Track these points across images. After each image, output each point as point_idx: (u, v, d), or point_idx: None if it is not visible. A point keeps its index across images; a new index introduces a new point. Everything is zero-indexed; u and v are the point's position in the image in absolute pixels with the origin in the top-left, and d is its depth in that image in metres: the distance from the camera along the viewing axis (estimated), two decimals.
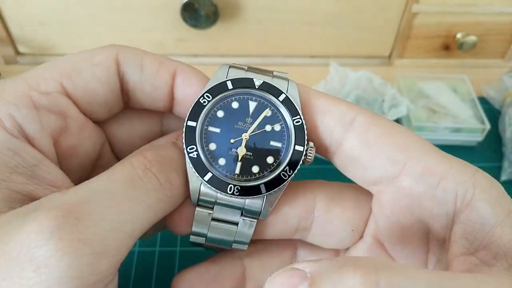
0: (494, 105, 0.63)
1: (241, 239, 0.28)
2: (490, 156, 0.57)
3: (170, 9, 0.60)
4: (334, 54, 0.67)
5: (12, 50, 0.64)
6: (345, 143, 0.27)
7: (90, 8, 0.60)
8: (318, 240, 0.30)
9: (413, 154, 0.26)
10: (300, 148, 0.26)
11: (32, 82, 0.26)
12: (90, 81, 0.27)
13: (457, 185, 0.25)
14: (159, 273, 0.42)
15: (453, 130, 0.57)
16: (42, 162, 0.25)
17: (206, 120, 0.27)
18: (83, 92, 0.27)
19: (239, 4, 0.61)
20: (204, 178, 0.26)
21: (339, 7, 0.62)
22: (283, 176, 0.26)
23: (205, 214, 0.27)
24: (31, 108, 0.25)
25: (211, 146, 0.27)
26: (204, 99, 0.27)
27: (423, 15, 0.63)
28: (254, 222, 0.27)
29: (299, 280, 0.18)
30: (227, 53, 0.66)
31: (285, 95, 0.27)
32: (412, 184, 0.26)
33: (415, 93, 0.60)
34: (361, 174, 0.27)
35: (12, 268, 0.20)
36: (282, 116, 0.27)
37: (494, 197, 0.24)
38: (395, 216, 0.27)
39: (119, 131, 0.31)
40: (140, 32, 0.63)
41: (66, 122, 0.27)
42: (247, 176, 0.26)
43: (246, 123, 0.27)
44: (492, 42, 0.67)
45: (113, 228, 0.22)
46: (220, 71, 0.28)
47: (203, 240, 0.28)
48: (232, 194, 0.26)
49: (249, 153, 0.27)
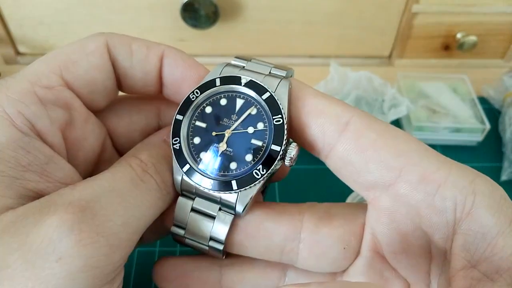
0: (494, 105, 0.63)
1: (217, 235, 0.28)
2: (490, 156, 0.57)
3: (170, 9, 0.60)
4: (334, 54, 0.67)
5: (12, 50, 0.64)
6: (338, 146, 0.26)
7: (90, 8, 0.60)
8: (309, 264, 0.29)
9: (409, 160, 0.25)
10: (277, 148, 0.26)
11: (33, 78, 0.26)
12: (88, 70, 0.27)
13: (456, 192, 0.24)
14: None
15: (453, 130, 0.57)
16: (52, 159, 0.25)
17: (195, 115, 0.28)
18: (83, 82, 0.27)
19: (239, 4, 0.61)
20: (182, 169, 0.27)
21: (339, 7, 0.62)
22: (256, 174, 0.26)
23: (186, 202, 0.28)
24: (38, 104, 0.25)
25: (195, 140, 0.28)
26: (194, 95, 0.28)
27: (423, 15, 0.63)
28: (230, 217, 0.28)
29: None
30: (227, 53, 0.66)
31: (270, 94, 0.27)
32: (409, 191, 0.25)
33: (415, 93, 0.60)
34: (355, 178, 0.26)
35: (34, 260, 0.21)
36: (267, 115, 0.27)
37: (496, 203, 0.23)
38: (393, 224, 0.26)
39: (119, 125, 0.31)
40: (140, 32, 0.63)
41: (72, 114, 0.27)
42: (225, 171, 0.27)
43: (231, 120, 0.27)
44: (492, 42, 0.67)
45: (123, 223, 0.24)
46: (215, 69, 0.29)
47: (182, 232, 0.29)
48: (205, 187, 0.27)
49: (230, 149, 0.27)
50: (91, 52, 0.27)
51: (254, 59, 0.29)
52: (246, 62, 0.29)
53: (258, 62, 0.29)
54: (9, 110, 0.24)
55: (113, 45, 0.28)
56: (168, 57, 0.29)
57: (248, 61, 0.29)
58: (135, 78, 0.29)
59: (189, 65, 0.29)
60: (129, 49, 0.28)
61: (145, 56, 0.29)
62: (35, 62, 0.27)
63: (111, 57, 0.28)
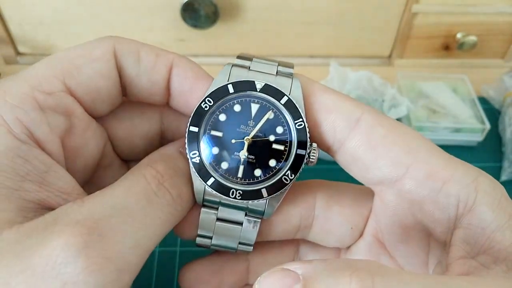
0: (494, 105, 0.63)
1: (246, 240, 0.28)
2: (490, 156, 0.57)
3: (170, 9, 0.60)
4: (334, 54, 0.67)
5: (12, 50, 0.64)
6: (348, 143, 0.26)
7: (90, 8, 0.60)
8: (319, 238, 0.30)
9: (417, 157, 0.25)
10: (302, 152, 0.26)
11: (33, 82, 0.25)
12: (92, 77, 0.26)
13: (459, 190, 0.25)
14: (159, 273, 0.42)
15: (453, 130, 0.57)
16: (51, 168, 0.24)
17: (209, 125, 0.27)
18: (86, 89, 0.26)
19: (239, 4, 0.61)
20: (207, 183, 0.26)
21: (339, 7, 0.62)
22: (285, 180, 0.26)
23: (210, 214, 0.27)
24: (38, 110, 0.24)
25: (213, 150, 0.26)
26: (206, 104, 0.27)
27: (423, 15, 0.63)
28: (258, 222, 0.27)
29: (291, 282, 0.18)
30: (227, 53, 0.66)
31: (287, 98, 0.27)
32: (414, 188, 0.25)
33: (415, 93, 0.60)
34: (364, 174, 0.27)
35: (37, 284, 0.20)
36: (285, 118, 0.27)
37: (497, 201, 0.24)
38: (396, 216, 0.27)
39: (120, 130, 0.30)
40: (140, 32, 0.63)
41: (72, 122, 0.26)
42: (250, 179, 0.26)
43: (249, 126, 0.27)
44: (492, 42, 0.67)
45: (133, 245, 0.22)
46: (222, 72, 0.28)
47: (208, 243, 0.28)
48: (234, 198, 0.26)
49: (252, 157, 0.26)
50: (97, 58, 0.26)
51: (255, 57, 0.29)
52: (250, 62, 0.28)
53: (261, 61, 0.29)
54: (7, 116, 0.23)
55: (121, 52, 0.27)
56: (177, 67, 0.28)
57: (251, 61, 0.28)
58: (141, 87, 0.28)
59: (198, 76, 0.28)
60: (137, 56, 0.27)
61: (153, 65, 0.27)
62: (37, 65, 0.26)
63: (117, 64, 0.27)
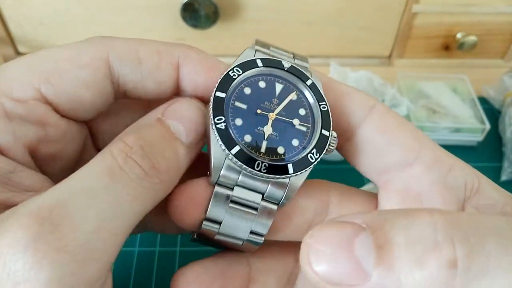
0: (494, 105, 0.63)
1: (259, 229, 0.26)
2: (490, 156, 0.57)
3: (170, 9, 0.60)
4: (334, 54, 0.67)
5: (12, 50, 0.64)
6: (364, 126, 0.27)
7: (90, 8, 0.60)
8: None
9: (425, 144, 0.27)
10: (327, 133, 0.26)
11: (4, 87, 0.23)
12: (74, 86, 0.24)
13: (465, 175, 0.26)
14: (159, 273, 0.42)
15: (453, 130, 0.57)
16: (17, 168, 0.23)
17: (234, 95, 0.26)
18: (65, 98, 0.24)
19: (239, 4, 0.61)
20: (231, 151, 0.24)
21: (339, 7, 0.62)
22: (310, 158, 0.26)
23: (224, 191, 0.25)
24: (3, 118, 0.23)
25: (237, 122, 0.25)
26: (234, 73, 0.26)
27: (423, 15, 0.63)
28: (275, 208, 0.26)
29: (354, 231, 0.17)
30: (227, 53, 0.66)
31: (312, 81, 0.27)
32: (424, 171, 0.26)
33: (415, 93, 0.60)
34: (375, 159, 0.27)
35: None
36: (307, 101, 0.27)
37: (496, 186, 0.26)
38: (404, 204, 0.27)
39: (104, 125, 0.28)
40: (140, 32, 0.63)
41: (45, 130, 0.24)
42: (273, 156, 0.25)
43: (273, 104, 0.26)
44: (492, 42, 0.67)
45: (95, 228, 0.20)
46: (247, 52, 0.27)
47: (215, 230, 0.26)
48: (259, 170, 0.24)
49: (275, 133, 0.26)
50: (83, 65, 0.24)
51: (271, 46, 0.29)
52: (268, 50, 0.29)
53: (278, 50, 0.29)
54: None
55: (116, 57, 0.25)
56: (186, 65, 0.26)
57: (269, 49, 0.29)
58: (146, 90, 0.26)
59: (210, 67, 0.26)
60: (136, 59, 0.25)
61: (157, 65, 0.25)
62: (14, 64, 0.24)
63: (113, 72, 0.25)
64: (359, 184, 0.50)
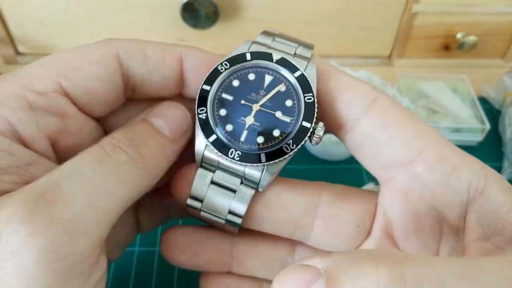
0: (494, 105, 0.63)
1: (236, 210, 0.28)
2: (490, 156, 0.57)
3: (170, 9, 0.60)
4: (334, 54, 0.67)
5: (12, 50, 0.64)
6: (364, 120, 0.27)
7: (90, 8, 0.60)
8: (321, 241, 0.29)
9: (429, 142, 0.26)
10: (307, 124, 0.27)
11: (26, 81, 0.25)
12: (88, 80, 0.26)
13: (470, 175, 0.25)
14: (159, 273, 0.42)
15: (453, 130, 0.57)
16: (37, 160, 0.24)
17: (221, 87, 0.28)
18: (82, 91, 0.26)
19: (239, 4, 0.61)
20: (208, 139, 0.27)
21: (339, 7, 0.62)
22: (285, 149, 0.26)
23: (206, 175, 0.28)
24: (27, 110, 0.25)
25: (221, 112, 0.27)
26: (222, 67, 0.28)
27: (423, 15, 0.63)
28: (251, 191, 0.27)
29: (313, 277, 0.17)
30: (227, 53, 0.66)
31: (301, 72, 0.27)
32: (426, 171, 0.26)
33: (415, 93, 0.60)
34: (375, 154, 0.27)
35: None
36: (296, 93, 0.27)
37: (505, 186, 0.25)
38: (408, 203, 0.27)
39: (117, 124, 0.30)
40: (140, 32, 0.63)
41: (65, 122, 0.26)
42: (251, 145, 0.27)
43: (259, 95, 0.27)
44: (492, 42, 0.67)
45: (86, 204, 0.22)
46: (242, 45, 0.29)
47: (198, 206, 0.28)
48: (233, 158, 0.26)
49: (257, 124, 0.27)
50: (95, 60, 0.26)
51: (277, 36, 0.30)
52: (272, 41, 0.29)
53: (281, 40, 0.29)
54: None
55: (125, 53, 0.27)
56: (189, 59, 0.28)
57: (273, 40, 0.29)
58: (152, 84, 0.28)
59: (212, 60, 0.28)
60: (143, 54, 0.27)
61: (162, 60, 0.28)
62: (34, 64, 0.26)
63: (123, 67, 0.27)
64: (360, 184, 0.50)
